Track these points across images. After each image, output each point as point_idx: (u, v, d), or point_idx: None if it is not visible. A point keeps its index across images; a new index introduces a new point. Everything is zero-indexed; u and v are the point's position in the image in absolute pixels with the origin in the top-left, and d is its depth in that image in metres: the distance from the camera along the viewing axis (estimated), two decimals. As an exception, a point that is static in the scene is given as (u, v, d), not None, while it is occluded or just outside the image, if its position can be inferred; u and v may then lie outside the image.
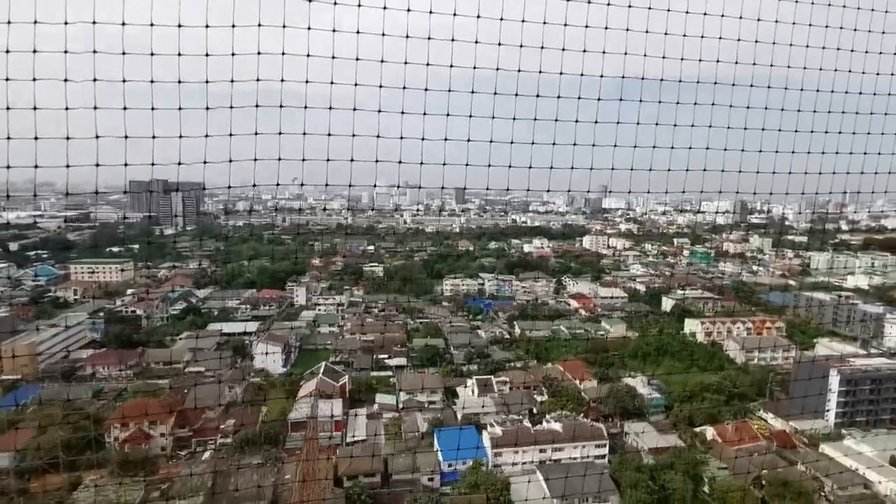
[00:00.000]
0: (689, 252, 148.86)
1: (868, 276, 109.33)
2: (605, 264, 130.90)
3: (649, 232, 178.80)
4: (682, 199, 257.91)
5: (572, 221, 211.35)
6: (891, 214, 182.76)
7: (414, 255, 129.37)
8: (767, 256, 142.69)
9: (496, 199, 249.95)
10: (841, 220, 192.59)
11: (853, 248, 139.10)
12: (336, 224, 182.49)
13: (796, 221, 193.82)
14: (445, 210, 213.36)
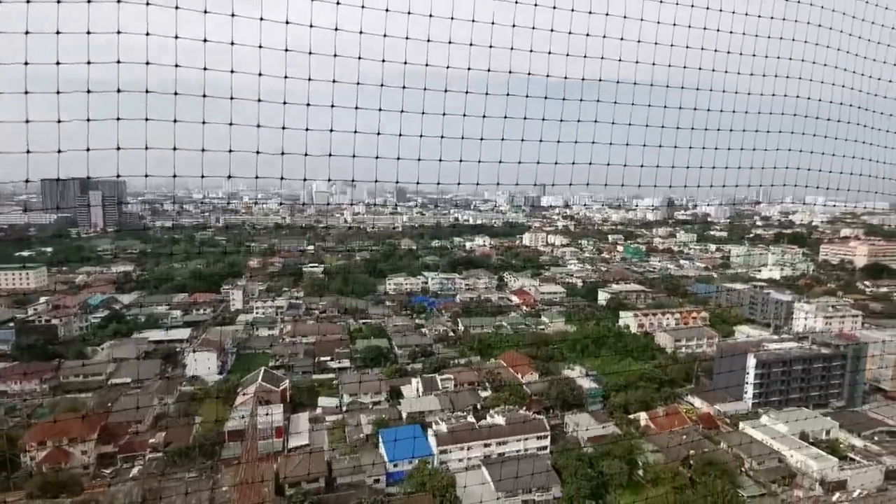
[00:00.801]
0: (622, 248, 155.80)
1: (779, 267, 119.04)
2: (545, 261, 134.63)
3: (585, 229, 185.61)
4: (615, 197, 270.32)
5: (513, 219, 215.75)
6: (798, 210, 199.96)
7: (356, 255, 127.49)
8: (692, 251, 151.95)
9: (438, 198, 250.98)
10: (755, 216, 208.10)
11: (766, 242, 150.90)
12: (274, 224, 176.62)
13: (717, 217, 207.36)
14: (387, 208, 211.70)
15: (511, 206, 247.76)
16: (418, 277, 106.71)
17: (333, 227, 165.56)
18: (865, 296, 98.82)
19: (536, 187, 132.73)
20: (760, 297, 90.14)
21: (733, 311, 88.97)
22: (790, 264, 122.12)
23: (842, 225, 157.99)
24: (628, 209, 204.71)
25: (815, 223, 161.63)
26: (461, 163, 10.07)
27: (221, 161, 7.96)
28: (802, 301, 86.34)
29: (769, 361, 56.19)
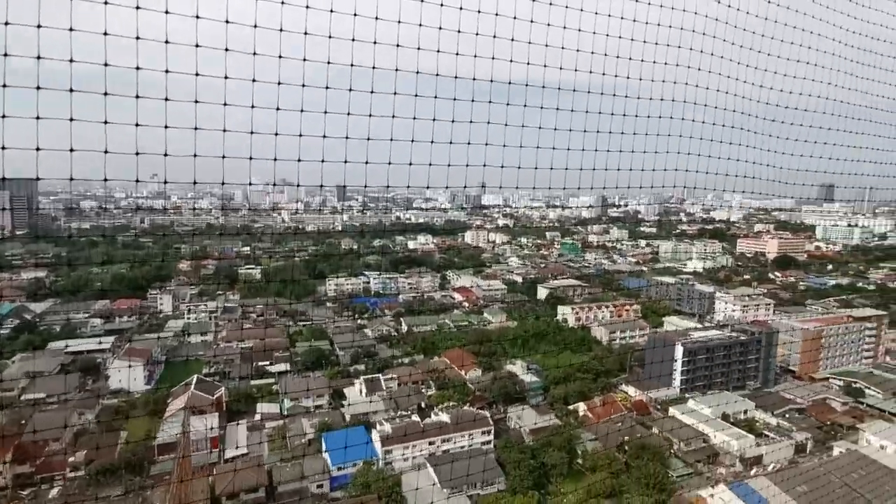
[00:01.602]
0: (559, 244, 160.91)
1: (702, 260, 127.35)
2: (486, 258, 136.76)
3: (524, 226, 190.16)
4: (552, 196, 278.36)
5: (454, 217, 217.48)
6: (717, 207, 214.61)
7: (294, 255, 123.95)
8: (625, 246, 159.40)
9: (379, 197, 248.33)
10: (681, 213, 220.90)
11: (691, 237, 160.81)
12: (206, 224, 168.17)
13: (647, 215, 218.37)
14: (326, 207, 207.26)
15: (453, 204, 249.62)
16: (360, 277, 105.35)
17: (270, 227, 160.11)
18: (776, 285, 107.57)
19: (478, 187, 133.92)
20: (686, 290, 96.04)
21: (662, 302, 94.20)
22: (712, 258, 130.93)
23: (755, 221, 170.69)
24: (565, 207, 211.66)
25: (733, 219, 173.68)
26: (410, 165, 10.04)
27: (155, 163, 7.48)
28: (722, 292, 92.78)
29: (694, 349, 60.01)
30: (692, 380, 59.49)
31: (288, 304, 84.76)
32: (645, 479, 38.59)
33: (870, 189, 17.08)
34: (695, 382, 59.48)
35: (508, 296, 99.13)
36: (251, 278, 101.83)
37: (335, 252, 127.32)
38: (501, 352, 67.24)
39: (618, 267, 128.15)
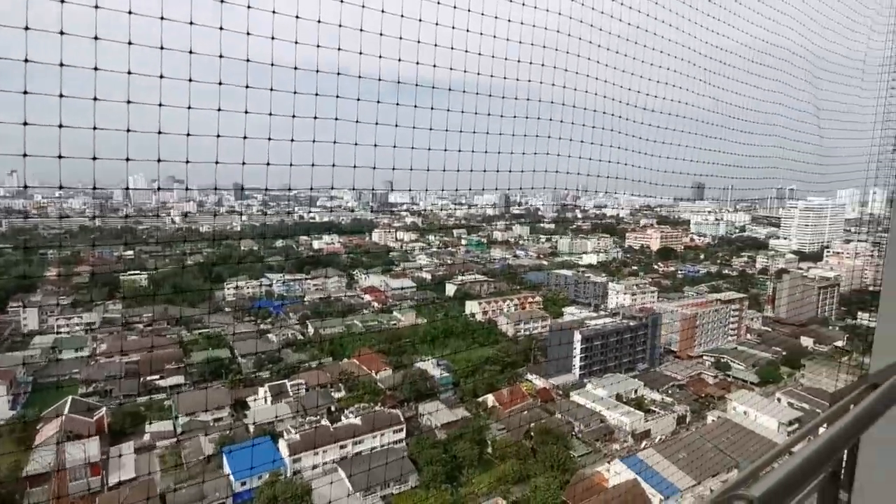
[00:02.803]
0: (465, 241, 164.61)
1: (596, 253, 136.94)
2: (394, 256, 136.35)
3: (431, 224, 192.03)
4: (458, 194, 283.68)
5: (361, 216, 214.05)
6: (610, 204, 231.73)
7: (187, 259, 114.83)
8: (526, 242, 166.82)
9: (280, 196, 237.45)
10: (576, 210, 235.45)
11: (585, 232, 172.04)
12: (79, 226, 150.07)
13: (545, 212, 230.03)
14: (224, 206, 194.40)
15: (359, 203, 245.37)
16: (261, 280, 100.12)
17: (158, 228, 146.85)
18: (659, 274, 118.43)
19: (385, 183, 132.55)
20: (582, 281, 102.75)
21: (562, 294, 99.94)
22: (604, 251, 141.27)
23: (641, 216, 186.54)
24: (470, 205, 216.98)
25: (622, 215, 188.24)
26: (313, 167, 9.60)
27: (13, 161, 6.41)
28: (614, 282, 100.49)
29: (591, 336, 64.41)
30: (590, 365, 63.79)
31: (181, 311, 78.43)
32: (549, 461, 40.79)
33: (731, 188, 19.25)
34: (592, 367, 63.83)
35: (418, 293, 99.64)
36: (136, 285, 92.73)
37: (234, 254, 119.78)
38: (412, 350, 67.45)
39: (521, 262, 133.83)
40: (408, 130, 10.15)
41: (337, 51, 8.47)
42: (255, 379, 58.10)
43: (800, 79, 11.67)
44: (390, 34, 8.71)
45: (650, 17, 9.13)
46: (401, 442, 44.85)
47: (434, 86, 10.17)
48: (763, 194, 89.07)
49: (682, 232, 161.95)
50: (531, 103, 10.48)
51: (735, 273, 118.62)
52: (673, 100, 10.66)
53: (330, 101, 9.18)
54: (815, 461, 1.56)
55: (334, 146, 9.93)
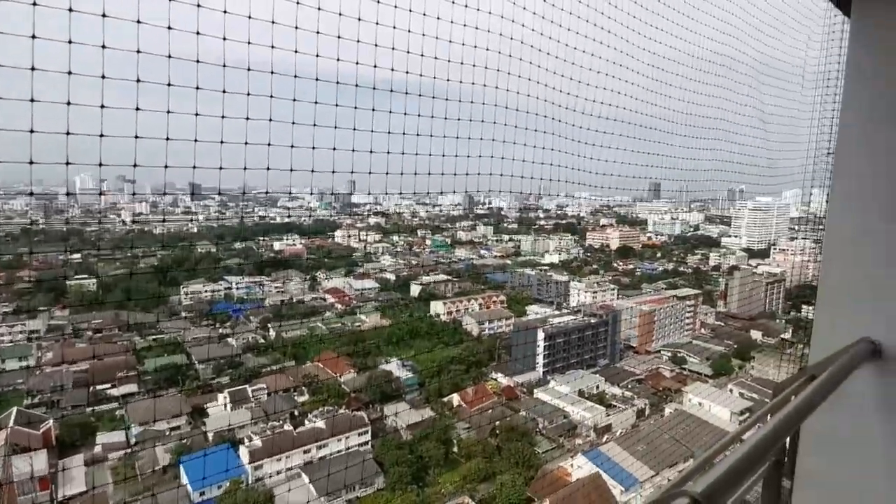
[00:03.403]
0: (430, 241, 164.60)
1: (558, 252, 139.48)
2: (358, 257, 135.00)
3: (395, 225, 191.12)
4: (422, 194, 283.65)
5: (323, 216, 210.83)
6: (571, 204, 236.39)
7: (139, 262, 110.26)
8: (490, 241, 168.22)
9: (240, 196, 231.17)
10: (538, 210, 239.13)
11: (547, 231, 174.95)
12: (21, 229, 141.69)
13: (509, 211, 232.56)
14: (179, 207, 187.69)
15: (321, 203, 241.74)
16: (220, 283, 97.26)
17: (108, 230, 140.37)
18: (618, 272, 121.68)
19: (347, 184, 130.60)
20: (545, 279, 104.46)
21: (525, 292, 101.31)
22: (566, 250, 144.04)
23: (600, 216, 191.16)
24: (434, 205, 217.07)
25: (582, 214, 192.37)
26: (268, 171, 9.37)
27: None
28: (576, 280, 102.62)
29: (554, 334, 65.57)
30: (553, 362, 64.91)
31: (132, 316, 75.32)
32: (515, 458, 41.29)
33: (686, 189, 19.95)
34: (555, 364, 64.98)
35: (382, 294, 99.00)
36: (85, 290, 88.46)
37: (190, 256, 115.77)
38: (376, 351, 66.95)
39: (485, 261, 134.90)
40: (367, 133, 10.08)
41: (294, 52, 8.32)
42: (214, 385, 56.41)
43: (745, 85, 12.24)
44: (348, 37, 8.63)
45: (603, 27, 9.40)
46: (366, 444, 44.46)
47: (407, 91, 10.13)
48: (715, 195, 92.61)
49: (640, 231, 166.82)
50: (497, 108, 10.60)
51: (690, 270, 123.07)
52: (624, 108, 11.00)
53: (287, 103, 9.02)
54: (756, 453, 1.63)
55: (291, 150, 9.75)
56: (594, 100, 10.28)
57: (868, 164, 2.71)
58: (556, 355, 65.34)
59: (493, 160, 11.16)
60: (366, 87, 10.11)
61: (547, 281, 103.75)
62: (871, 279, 2.69)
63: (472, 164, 11.05)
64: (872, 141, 2.71)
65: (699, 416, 48.67)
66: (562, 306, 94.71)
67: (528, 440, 45.18)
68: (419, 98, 10.45)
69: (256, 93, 8.58)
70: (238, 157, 8.91)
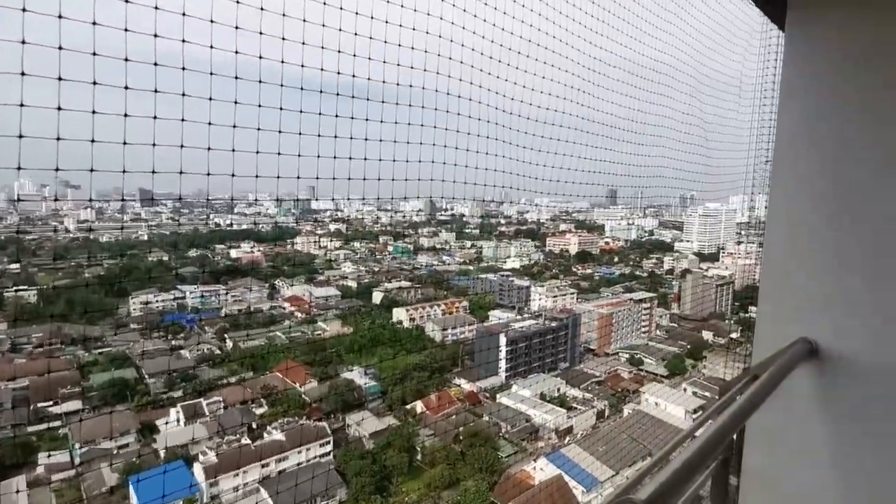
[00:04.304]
0: (391, 248, 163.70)
1: (519, 258, 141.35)
2: (318, 264, 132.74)
3: (357, 231, 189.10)
4: (384, 199, 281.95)
5: (283, 223, 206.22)
6: (531, 210, 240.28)
7: (84, 271, 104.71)
8: (452, 247, 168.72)
9: (194, 202, 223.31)
10: (499, 216, 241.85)
11: (508, 237, 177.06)
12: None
13: (470, 217, 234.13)
14: (128, 214, 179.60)
15: (280, 209, 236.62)
16: (172, 292, 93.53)
17: (51, 238, 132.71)
18: (577, 277, 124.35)
19: (307, 190, 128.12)
20: (507, 284, 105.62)
21: (487, 297, 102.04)
22: (527, 255, 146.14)
23: (560, 221, 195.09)
24: (396, 211, 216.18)
25: (542, 220, 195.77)
26: (233, 177, 9.09)
27: None
28: (536, 285, 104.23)
29: (516, 338, 66.26)
30: (515, 366, 65.56)
31: (77, 329, 71.42)
32: (479, 465, 41.35)
33: (641, 195, 20.65)
34: (517, 369, 65.64)
35: (343, 302, 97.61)
36: (24, 301, 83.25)
37: (140, 265, 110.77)
38: (338, 360, 65.86)
39: (447, 267, 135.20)
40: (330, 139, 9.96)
41: (259, 59, 8.14)
42: (167, 400, 54.06)
43: (687, 94, 12.78)
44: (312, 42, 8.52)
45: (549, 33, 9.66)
46: (328, 455, 43.56)
47: (368, 97, 10.05)
48: (668, 201, 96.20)
49: (598, 236, 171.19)
50: (460, 117, 10.65)
51: (645, 274, 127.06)
52: (577, 115, 11.30)
53: (252, 109, 8.81)
54: (699, 455, 1.69)
55: (257, 156, 9.52)
56: (547, 107, 10.52)
57: (803, 172, 2.85)
58: (518, 360, 66.00)
59: (455, 168, 11.22)
60: (329, 93, 10.00)
61: (509, 286, 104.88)
62: (807, 281, 2.82)
63: (436, 170, 11.08)
64: (806, 150, 2.85)
65: (656, 416, 50.19)
66: (523, 311, 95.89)
67: (492, 445, 45.36)
68: (382, 104, 10.43)
69: (219, 98, 8.34)
70: (197, 163, 8.63)
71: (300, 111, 9.30)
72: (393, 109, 10.47)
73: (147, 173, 8.50)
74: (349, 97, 9.87)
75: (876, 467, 2.61)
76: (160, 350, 67.71)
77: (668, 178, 14.73)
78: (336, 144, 10.24)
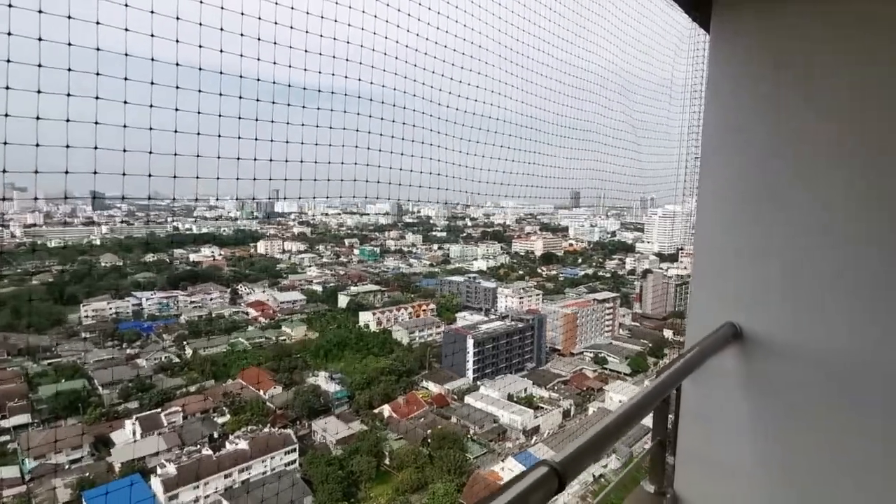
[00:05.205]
0: (358, 251, 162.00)
1: (486, 260, 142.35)
2: (282, 268, 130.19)
3: (322, 234, 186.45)
4: (349, 202, 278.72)
5: (245, 226, 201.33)
6: (497, 212, 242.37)
7: (31, 278, 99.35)
8: (419, 250, 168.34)
9: (150, 205, 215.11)
10: (466, 218, 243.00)
11: (475, 240, 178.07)
12: None
13: (437, 220, 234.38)
14: (78, 217, 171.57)
15: (242, 212, 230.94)
16: (127, 299, 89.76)
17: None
18: (542, 278, 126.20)
19: (271, 192, 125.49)
20: (474, 286, 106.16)
21: (454, 299, 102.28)
22: (493, 257, 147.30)
23: (525, 223, 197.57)
24: (362, 214, 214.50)
25: (508, 223, 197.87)
26: (198, 179, 8.81)
27: None
28: (503, 286, 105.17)
29: (483, 340, 66.64)
30: (482, 368, 65.91)
31: (24, 338, 67.69)
32: (447, 467, 41.30)
33: (603, 197, 21.15)
34: (485, 370, 66.02)
35: (309, 306, 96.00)
36: (-36, 311, 78.24)
37: (92, 271, 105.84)
38: (304, 365, 64.69)
39: (414, 270, 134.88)
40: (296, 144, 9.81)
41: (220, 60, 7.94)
42: (122, 411, 51.84)
43: (640, 102, 13.20)
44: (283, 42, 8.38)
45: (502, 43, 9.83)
46: (294, 463, 42.66)
47: (333, 103, 9.93)
48: (629, 203, 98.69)
49: (562, 237, 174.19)
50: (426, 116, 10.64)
51: (608, 274, 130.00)
52: (539, 118, 11.49)
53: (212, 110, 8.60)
54: (615, 426, 1.88)
55: (219, 161, 9.28)
56: (524, 110, 10.68)
57: (728, 168, 3.04)
58: (485, 361, 66.39)
59: (422, 175, 11.21)
60: (297, 93, 9.84)
61: (475, 288, 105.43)
62: (732, 269, 3.03)
63: (404, 175, 11.03)
64: (731, 147, 3.02)
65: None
66: (490, 312, 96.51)
67: (460, 447, 45.40)
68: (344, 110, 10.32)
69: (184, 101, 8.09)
70: (153, 164, 8.33)
71: (256, 119, 9.13)
72: (354, 114, 10.41)
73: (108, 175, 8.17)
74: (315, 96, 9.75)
75: (792, 438, 2.85)
76: (114, 360, 64.87)
77: (627, 182, 15.17)
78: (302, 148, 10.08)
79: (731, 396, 2.98)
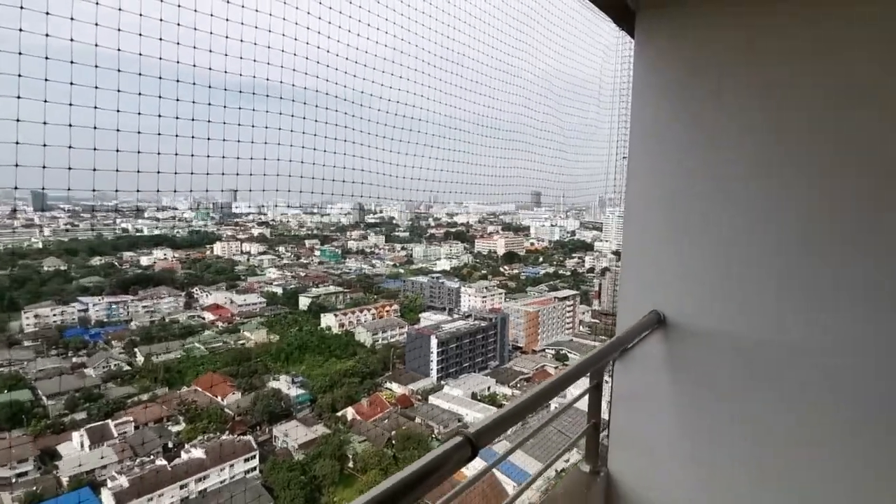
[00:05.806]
0: (319, 252, 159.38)
1: (449, 259, 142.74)
2: (240, 270, 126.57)
3: (282, 235, 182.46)
4: (310, 203, 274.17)
5: (200, 227, 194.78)
6: (460, 213, 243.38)
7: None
8: (382, 250, 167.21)
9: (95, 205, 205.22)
10: (429, 218, 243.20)
11: (439, 239, 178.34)
12: None
13: (400, 220, 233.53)
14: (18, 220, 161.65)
15: (197, 212, 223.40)
16: (73, 305, 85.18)
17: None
18: (505, 277, 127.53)
19: (225, 192, 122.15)
20: (437, 286, 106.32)
21: (418, 300, 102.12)
22: (456, 257, 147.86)
23: (487, 223, 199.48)
24: (323, 214, 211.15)
25: (471, 222, 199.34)
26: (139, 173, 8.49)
27: None
28: (466, 286, 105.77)
29: (446, 339, 66.88)
30: (446, 367, 66.16)
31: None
32: (411, 467, 41.25)
33: (563, 197, 21.56)
34: (448, 369, 66.28)
35: (268, 309, 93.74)
36: None
37: (34, 275, 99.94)
38: (263, 369, 63.19)
39: (377, 270, 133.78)
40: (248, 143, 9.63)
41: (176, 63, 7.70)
42: (68, 423, 49.26)
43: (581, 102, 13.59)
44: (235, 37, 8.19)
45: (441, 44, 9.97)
46: (254, 470, 41.62)
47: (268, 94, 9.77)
48: (588, 202, 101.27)
49: (524, 237, 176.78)
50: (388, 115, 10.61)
51: (569, 273, 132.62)
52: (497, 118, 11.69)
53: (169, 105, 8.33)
54: (532, 402, 2.18)
55: (176, 158, 9.01)
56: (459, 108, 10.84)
57: (653, 166, 3.29)
58: (449, 360, 66.64)
59: (383, 176, 11.18)
60: (247, 92, 9.64)
61: (439, 287, 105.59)
62: (654, 261, 3.33)
63: (366, 175, 10.97)
64: (656, 146, 3.27)
65: (580, 408, 52.49)
66: (454, 312, 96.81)
67: (425, 446, 45.40)
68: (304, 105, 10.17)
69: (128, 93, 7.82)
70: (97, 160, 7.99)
71: (208, 121, 8.90)
72: (313, 110, 10.26)
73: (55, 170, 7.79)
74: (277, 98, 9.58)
75: (712, 415, 3.13)
76: (59, 368, 61.48)
77: (583, 181, 15.57)
78: (266, 147, 9.90)
79: (658, 379, 3.27)
